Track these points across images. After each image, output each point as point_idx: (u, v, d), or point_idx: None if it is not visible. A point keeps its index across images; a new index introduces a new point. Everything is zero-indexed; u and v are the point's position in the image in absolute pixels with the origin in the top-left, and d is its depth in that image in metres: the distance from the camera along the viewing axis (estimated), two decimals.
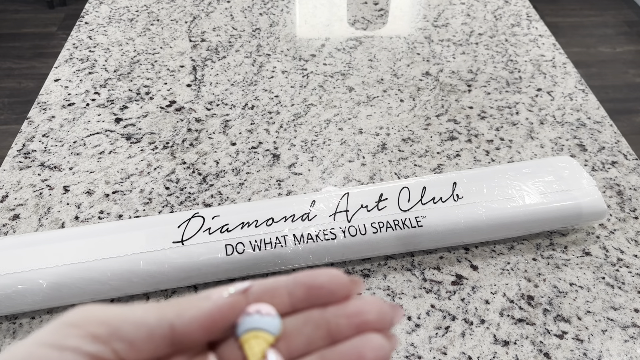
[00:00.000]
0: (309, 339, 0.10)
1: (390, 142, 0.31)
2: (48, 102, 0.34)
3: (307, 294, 0.10)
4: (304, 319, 0.10)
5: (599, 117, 0.34)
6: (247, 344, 0.10)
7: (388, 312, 0.10)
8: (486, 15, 0.43)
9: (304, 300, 0.10)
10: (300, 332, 0.10)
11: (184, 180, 0.29)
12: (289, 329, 0.10)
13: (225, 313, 0.10)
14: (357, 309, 0.10)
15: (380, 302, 0.10)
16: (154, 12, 0.43)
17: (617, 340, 0.22)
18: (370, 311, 0.10)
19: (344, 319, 0.10)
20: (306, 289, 0.10)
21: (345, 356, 0.10)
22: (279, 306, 0.10)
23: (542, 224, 0.25)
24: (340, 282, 0.10)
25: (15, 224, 0.26)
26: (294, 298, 0.10)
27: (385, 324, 0.10)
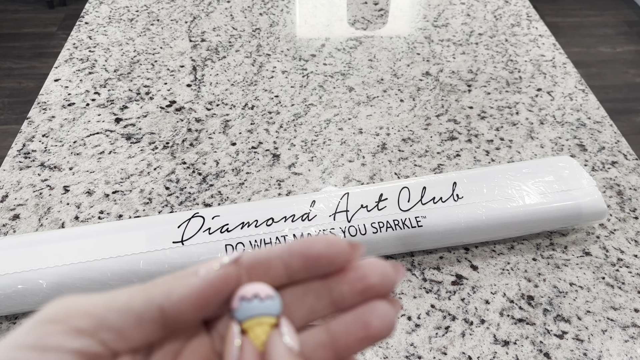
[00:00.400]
0: (311, 309, 0.10)
1: (390, 142, 0.31)
2: (48, 102, 0.34)
3: (305, 265, 0.09)
4: (304, 288, 0.10)
5: (599, 117, 0.34)
6: (252, 331, 0.09)
7: (391, 273, 0.09)
8: (486, 15, 0.43)
9: (301, 271, 0.09)
10: (302, 303, 0.10)
11: (184, 180, 0.29)
12: (289, 301, 0.10)
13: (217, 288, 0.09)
14: (359, 273, 0.09)
15: (382, 264, 0.09)
16: (154, 12, 0.43)
17: (617, 340, 0.22)
18: (373, 274, 0.09)
19: (346, 286, 0.09)
20: (303, 259, 0.09)
21: (351, 327, 0.09)
22: (274, 279, 0.09)
23: (542, 224, 0.25)
24: (339, 248, 0.09)
25: (15, 224, 0.26)
26: (290, 269, 0.09)
27: (388, 286, 0.09)
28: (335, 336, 0.09)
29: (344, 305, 0.10)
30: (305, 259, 0.09)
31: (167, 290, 0.09)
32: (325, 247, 0.09)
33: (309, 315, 0.10)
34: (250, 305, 0.09)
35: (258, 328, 0.09)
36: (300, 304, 0.10)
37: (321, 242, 0.09)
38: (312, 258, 0.09)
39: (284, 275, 0.10)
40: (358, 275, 0.09)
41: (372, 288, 0.09)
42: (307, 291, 0.10)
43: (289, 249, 0.09)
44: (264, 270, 0.10)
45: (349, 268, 0.09)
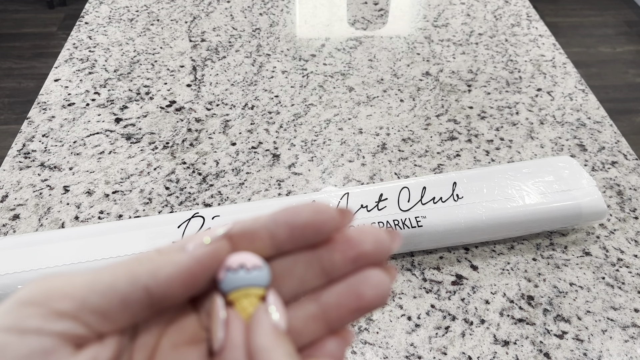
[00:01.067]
0: (301, 279, 0.09)
1: (390, 142, 0.31)
2: (48, 102, 0.34)
3: (291, 235, 0.09)
4: (293, 258, 0.09)
5: (599, 117, 0.34)
6: (238, 303, 0.09)
7: (385, 239, 0.09)
8: (486, 15, 0.43)
9: (288, 242, 0.09)
10: (291, 273, 0.09)
11: (184, 180, 0.29)
12: (278, 272, 0.09)
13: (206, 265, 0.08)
14: (351, 240, 0.09)
15: (376, 230, 0.09)
16: (154, 12, 0.43)
17: (617, 340, 0.22)
18: (366, 241, 0.09)
19: (337, 254, 0.09)
20: (289, 229, 0.09)
21: (343, 297, 0.08)
22: (261, 250, 0.09)
23: (542, 224, 0.25)
24: (326, 216, 0.08)
25: (15, 224, 0.26)
26: (276, 240, 0.09)
27: (383, 253, 0.09)
28: (326, 308, 0.09)
29: (335, 274, 0.09)
30: (291, 229, 0.09)
31: (153, 269, 0.08)
32: (312, 215, 0.08)
33: (299, 286, 0.09)
34: (236, 276, 0.08)
35: (245, 300, 0.09)
36: (290, 275, 0.09)
37: (307, 210, 0.08)
38: (298, 227, 0.08)
39: (271, 246, 0.09)
40: (350, 242, 0.09)
41: (365, 255, 0.09)
42: (296, 261, 0.09)
43: (274, 218, 0.09)
44: (249, 241, 0.09)
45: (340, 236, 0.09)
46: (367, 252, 0.09)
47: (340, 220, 0.09)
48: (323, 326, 0.09)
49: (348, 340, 0.09)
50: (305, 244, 0.09)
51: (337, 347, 0.09)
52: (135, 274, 0.08)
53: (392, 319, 0.23)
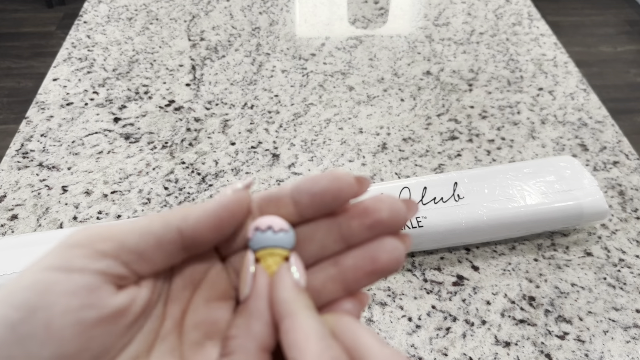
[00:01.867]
0: (321, 244, 0.10)
1: (390, 142, 0.31)
2: (46, 102, 0.34)
3: (312, 201, 0.09)
4: (315, 224, 0.10)
5: (601, 116, 0.34)
6: (264, 261, 0.10)
7: (401, 208, 0.09)
8: (487, 14, 0.43)
9: (310, 208, 0.10)
10: (312, 239, 0.10)
11: (183, 180, 0.29)
12: (301, 237, 0.10)
13: (231, 210, 0.09)
14: (368, 208, 0.09)
15: (392, 199, 0.09)
16: (153, 11, 0.42)
17: (619, 341, 0.22)
18: (382, 209, 0.09)
19: (355, 221, 0.09)
20: (310, 196, 0.09)
21: (359, 261, 0.09)
22: (286, 217, 0.10)
23: (544, 224, 0.25)
24: (344, 182, 0.09)
25: (14, 224, 0.26)
26: (299, 207, 0.10)
27: (399, 221, 0.09)
28: (344, 270, 0.10)
29: (353, 241, 0.10)
30: (312, 196, 0.09)
31: (184, 214, 0.09)
32: (330, 182, 0.09)
33: (319, 250, 0.10)
34: (264, 236, 0.10)
35: (270, 258, 0.10)
36: (311, 240, 0.10)
37: (326, 177, 0.09)
38: (318, 194, 0.09)
39: (295, 213, 0.10)
40: (366, 210, 0.09)
41: (381, 223, 0.09)
42: (317, 228, 0.10)
43: (297, 186, 0.10)
44: (274, 207, 0.10)
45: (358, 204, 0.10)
46: (383, 220, 0.09)
47: (358, 188, 0.09)
48: (341, 288, 0.10)
49: (364, 302, 0.10)
50: (326, 211, 0.10)
51: (352, 307, 0.09)
52: (168, 218, 0.09)
53: (393, 320, 0.23)
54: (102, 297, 0.08)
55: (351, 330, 0.09)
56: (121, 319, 0.09)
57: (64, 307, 0.08)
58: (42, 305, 0.08)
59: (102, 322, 0.08)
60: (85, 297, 0.08)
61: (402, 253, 0.09)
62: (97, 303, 0.08)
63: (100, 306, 0.08)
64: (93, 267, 0.09)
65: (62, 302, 0.08)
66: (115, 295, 0.09)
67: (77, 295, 0.08)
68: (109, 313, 0.08)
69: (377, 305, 0.23)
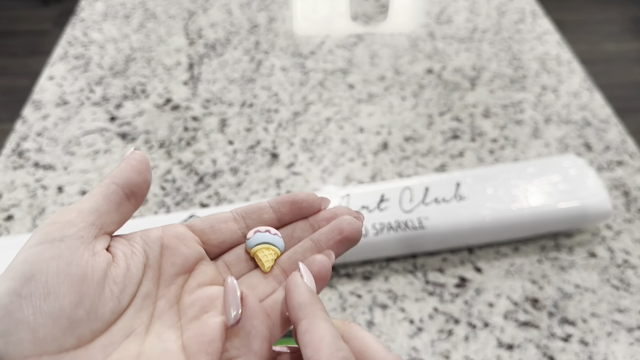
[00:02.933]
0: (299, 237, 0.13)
1: (392, 141, 0.31)
2: (42, 101, 0.33)
3: (291, 208, 0.13)
4: (292, 227, 0.13)
5: (605, 115, 0.33)
6: (260, 252, 0.12)
7: (354, 212, 0.13)
8: (490, 11, 0.42)
9: (288, 214, 0.13)
10: (292, 237, 0.13)
11: (181, 180, 0.28)
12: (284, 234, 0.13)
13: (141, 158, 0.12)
14: (332, 211, 0.13)
15: (348, 209, 0.13)
16: (150, 8, 0.42)
17: (623, 343, 0.22)
18: (343, 212, 0.13)
19: (323, 221, 0.13)
20: (290, 204, 0.13)
21: (329, 233, 0.13)
22: (268, 222, 0.13)
23: (547, 225, 0.24)
24: (314, 197, 0.13)
25: (9, 225, 0.26)
26: (279, 213, 0.13)
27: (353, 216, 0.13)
28: (317, 242, 0.13)
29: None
30: (292, 204, 0.13)
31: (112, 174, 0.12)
32: (306, 196, 0.13)
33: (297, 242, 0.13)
34: (262, 235, 0.12)
35: (266, 250, 0.12)
36: (291, 238, 0.13)
37: (302, 193, 0.13)
38: (297, 202, 0.13)
39: (275, 218, 0.13)
40: (331, 212, 0.13)
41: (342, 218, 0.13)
42: (294, 228, 0.13)
43: (277, 200, 0.13)
44: (257, 215, 0.13)
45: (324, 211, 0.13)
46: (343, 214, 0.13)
47: (322, 202, 0.13)
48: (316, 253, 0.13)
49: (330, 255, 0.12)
50: (301, 216, 0.13)
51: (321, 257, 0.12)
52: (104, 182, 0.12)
53: (394, 323, 0.22)
54: (84, 256, 0.10)
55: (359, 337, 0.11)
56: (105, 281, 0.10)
57: (54, 269, 0.10)
58: (37, 270, 0.10)
59: (88, 280, 0.10)
60: (69, 257, 0.10)
61: (359, 225, 0.13)
62: (80, 261, 0.10)
63: (82, 264, 0.10)
64: (69, 233, 0.10)
65: (52, 265, 0.10)
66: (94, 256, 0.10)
67: (63, 257, 0.10)
68: (91, 271, 0.10)
69: (379, 308, 0.23)
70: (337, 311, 0.23)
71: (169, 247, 0.12)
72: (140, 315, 0.11)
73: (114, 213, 0.11)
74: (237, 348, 0.10)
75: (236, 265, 0.13)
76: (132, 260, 0.11)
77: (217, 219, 0.13)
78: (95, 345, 0.10)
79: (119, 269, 0.11)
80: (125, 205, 0.12)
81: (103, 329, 0.10)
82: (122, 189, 0.11)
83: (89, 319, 0.10)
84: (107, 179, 0.12)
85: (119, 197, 0.11)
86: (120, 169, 0.12)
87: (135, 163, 0.12)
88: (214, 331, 0.11)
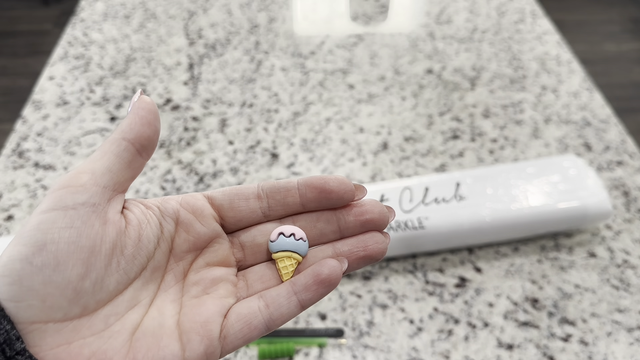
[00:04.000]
0: (321, 232, 0.12)
1: (392, 141, 0.31)
2: (42, 101, 0.34)
3: (318, 197, 0.12)
4: (317, 216, 0.12)
5: (605, 115, 0.33)
6: (281, 261, 0.12)
7: (387, 212, 0.12)
8: (490, 11, 0.42)
9: (314, 201, 0.12)
10: (314, 227, 0.12)
11: (181, 180, 0.28)
12: (304, 224, 0.12)
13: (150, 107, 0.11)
14: (363, 209, 0.12)
15: (381, 205, 0.12)
16: (150, 8, 0.42)
17: (623, 343, 0.22)
18: (374, 211, 0.12)
19: (352, 217, 0.12)
20: (318, 192, 0.12)
21: (353, 247, 0.12)
22: (291, 206, 0.12)
23: (547, 225, 0.24)
24: (347, 187, 0.12)
25: (10, 225, 0.26)
26: (304, 199, 0.12)
27: (384, 222, 0.12)
28: (339, 253, 0.12)
29: (347, 233, 0.12)
30: (320, 192, 0.12)
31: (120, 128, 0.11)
32: (338, 184, 0.12)
33: (318, 237, 0.12)
34: (286, 241, 0.12)
35: (287, 260, 0.12)
36: (313, 227, 0.12)
37: (334, 180, 0.12)
38: (326, 191, 0.12)
39: (299, 204, 0.12)
40: (362, 209, 0.12)
41: (372, 221, 0.12)
42: (319, 218, 0.12)
43: (306, 181, 0.12)
44: (282, 196, 0.12)
45: (355, 204, 0.12)
46: (374, 220, 0.12)
47: (357, 193, 0.12)
48: None
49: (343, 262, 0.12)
50: (326, 207, 0.12)
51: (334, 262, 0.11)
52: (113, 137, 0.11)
53: (394, 323, 0.22)
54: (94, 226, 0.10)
55: None
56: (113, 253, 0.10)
57: (65, 239, 0.10)
58: (48, 240, 0.10)
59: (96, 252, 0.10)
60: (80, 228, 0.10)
61: (386, 245, 0.12)
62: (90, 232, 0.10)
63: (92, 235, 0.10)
64: (81, 200, 0.10)
65: (64, 235, 0.10)
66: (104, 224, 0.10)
67: (74, 227, 0.10)
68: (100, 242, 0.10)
69: (379, 308, 0.23)
70: (337, 311, 0.23)
71: (184, 223, 0.12)
72: (147, 287, 0.11)
73: (126, 170, 0.11)
74: None
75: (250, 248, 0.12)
76: (145, 230, 0.11)
77: (238, 195, 0.12)
78: (98, 315, 0.10)
79: (129, 239, 0.11)
80: (137, 161, 0.11)
81: (108, 299, 0.10)
82: (133, 144, 0.11)
83: (94, 290, 0.10)
84: (116, 134, 0.11)
85: (130, 154, 0.11)
86: (130, 122, 0.11)
87: (144, 113, 0.11)
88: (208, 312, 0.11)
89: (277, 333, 0.21)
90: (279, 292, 0.11)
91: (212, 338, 0.11)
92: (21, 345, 0.09)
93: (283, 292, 0.11)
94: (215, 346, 0.11)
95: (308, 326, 0.22)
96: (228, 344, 0.11)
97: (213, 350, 0.11)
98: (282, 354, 0.21)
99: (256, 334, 0.11)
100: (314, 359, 0.21)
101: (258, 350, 0.21)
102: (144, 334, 0.11)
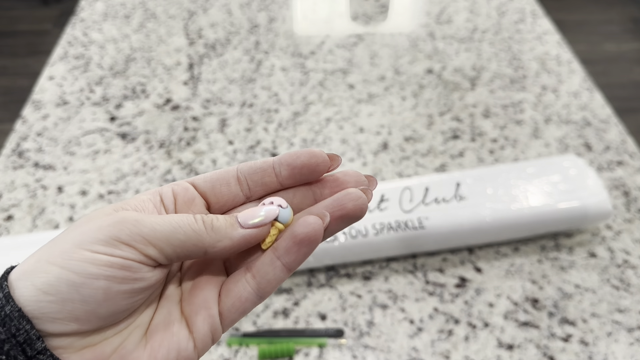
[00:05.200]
0: (298, 207, 0.12)
1: (392, 141, 0.31)
2: (42, 101, 0.33)
3: (292, 173, 0.12)
4: (293, 191, 0.12)
5: (605, 115, 0.33)
6: None
7: (364, 180, 0.12)
8: (490, 11, 0.42)
9: (289, 179, 0.12)
10: (291, 202, 0.12)
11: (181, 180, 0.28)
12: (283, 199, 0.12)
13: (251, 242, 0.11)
14: (338, 179, 0.12)
15: (358, 173, 0.12)
16: (150, 8, 0.42)
17: (623, 343, 0.22)
18: (349, 181, 0.12)
19: (327, 190, 0.12)
20: (291, 168, 0.12)
21: (329, 207, 0.11)
22: (269, 185, 0.12)
23: (547, 225, 0.24)
24: (319, 158, 0.11)
25: (9, 225, 0.26)
26: (280, 177, 0.12)
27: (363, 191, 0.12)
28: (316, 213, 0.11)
29: None
30: (292, 168, 0.12)
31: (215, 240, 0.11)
32: (309, 157, 0.11)
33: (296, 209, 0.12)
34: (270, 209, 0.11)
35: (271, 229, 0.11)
36: (290, 202, 0.12)
37: (305, 153, 0.11)
38: (298, 167, 0.11)
39: (277, 182, 0.12)
40: (336, 181, 0.12)
41: None
42: (295, 194, 0.12)
43: (280, 159, 0.12)
44: (260, 176, 0.12)
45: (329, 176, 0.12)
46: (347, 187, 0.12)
47: (331, 164, 0.12)
48: None
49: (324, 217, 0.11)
50: (302, 181, 0.12)
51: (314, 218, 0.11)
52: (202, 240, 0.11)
53: (394, 323, 0.22)
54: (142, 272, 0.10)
55: None
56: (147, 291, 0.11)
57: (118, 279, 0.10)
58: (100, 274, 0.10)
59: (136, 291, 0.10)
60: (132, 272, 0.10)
61: (366, 202, 0.11)
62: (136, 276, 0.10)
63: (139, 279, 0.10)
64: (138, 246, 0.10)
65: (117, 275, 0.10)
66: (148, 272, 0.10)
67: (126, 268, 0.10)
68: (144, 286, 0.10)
69: (378, 308, 0.23)
70: (337, 311, 0.23)
71: None
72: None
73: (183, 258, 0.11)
74: None
75: None
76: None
77: (220, 180, 0.12)
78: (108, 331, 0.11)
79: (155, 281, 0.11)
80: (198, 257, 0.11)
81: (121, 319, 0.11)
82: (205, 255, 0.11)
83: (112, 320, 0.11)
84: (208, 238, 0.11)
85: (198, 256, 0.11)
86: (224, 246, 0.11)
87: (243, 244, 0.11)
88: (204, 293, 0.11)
89: (277, 333, 0.21)
90: (263, 260, 0.11)
91: (213, 315, 0.11)
92: (42, 344, 0.09)
93: (267, 260, 0.11)
94: (217, 323, 0.11)
95: (308, 326, 0.22)
96: (225, 319, 0.11)
97: (216, 328, 0.11)
98: (282, 354, 0.21)
99: (249, 305, 0.11)
100: (314, 359, 0.21)
101: (258, 350, 0.21)
102: (157, 325, 0.11)
